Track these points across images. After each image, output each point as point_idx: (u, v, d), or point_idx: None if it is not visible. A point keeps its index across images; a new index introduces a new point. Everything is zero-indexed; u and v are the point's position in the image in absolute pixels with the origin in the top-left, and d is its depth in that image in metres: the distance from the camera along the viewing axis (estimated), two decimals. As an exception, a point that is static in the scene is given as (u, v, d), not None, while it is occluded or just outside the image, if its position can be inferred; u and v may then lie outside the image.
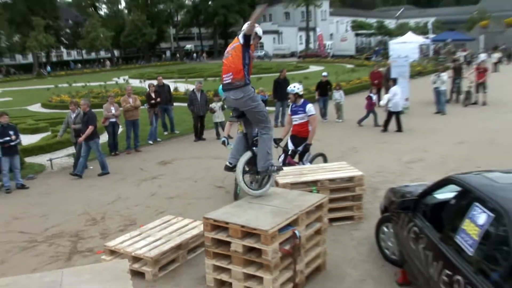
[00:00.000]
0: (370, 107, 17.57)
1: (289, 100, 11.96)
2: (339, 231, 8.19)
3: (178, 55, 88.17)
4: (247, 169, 6.74)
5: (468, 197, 4.76)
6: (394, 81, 17.24)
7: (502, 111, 19.71)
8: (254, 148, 6.74)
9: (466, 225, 4.52)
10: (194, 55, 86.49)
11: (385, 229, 7.03)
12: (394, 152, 13.54)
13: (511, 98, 22.79)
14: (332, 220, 8.31)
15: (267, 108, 9.45)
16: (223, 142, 9.94)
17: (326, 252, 6.90)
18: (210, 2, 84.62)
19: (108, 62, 78.32)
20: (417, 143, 14.48)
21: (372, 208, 8.92)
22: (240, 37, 6.25)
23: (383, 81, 21.34)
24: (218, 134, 16.53)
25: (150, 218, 9.13)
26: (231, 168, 6.69)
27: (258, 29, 6.58)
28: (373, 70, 21.70)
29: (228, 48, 6.48)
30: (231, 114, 6.84)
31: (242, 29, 6.26)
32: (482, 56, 34.84)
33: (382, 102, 17.00)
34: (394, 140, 15.25)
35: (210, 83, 31.36)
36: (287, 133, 10.19)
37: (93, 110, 13.24)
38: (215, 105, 16.28)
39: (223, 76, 6.41)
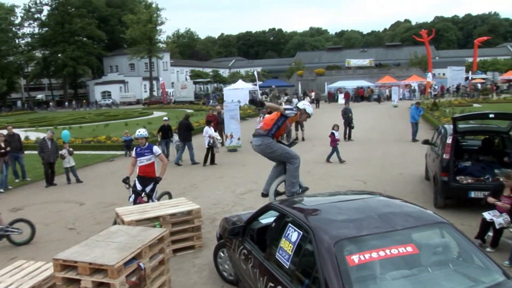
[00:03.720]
0: (334, 143, 17.06)
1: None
2: (182, 259, 8.25)
3: (51, 104, 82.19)
4: (280, 191, 7.97)
5: (284, 219, 5.09)
6: (209, 123, 18.43)
7: (317, 145, 21.24)
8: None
9: (283, 243, 4.83)
10: (66, 103, 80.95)
11: (222, 254, 7.21)
12: (229, 185, 13.94)
13: (322, 134, 24.45)
14: (175, 250, 8.41)
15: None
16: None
17: (170, 280, 6.90)
18: (59, 55, 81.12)
19: None
20: (249, 176, 15.02)
21: (211, 237, 9.04)
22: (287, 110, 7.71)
23: (217, 124, 21.93)
24: (68, 179, 15.94)
25: (2, 265, 8.45)
26: (265, 195, 7.93)
27: (309, 108, 7.87)
28: (208, 114, 22.21)
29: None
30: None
31: (286, 109, 7.76)
32: (295, 101, 37.06)
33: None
34: (229, 174, 15.68)
35: (60, 130, 30.08)
36: (132, 172, 10.06)
37: None
38: (65, 152, 15.75)
39: (259, 124, 8.03)
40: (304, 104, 7.93)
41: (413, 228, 4.63)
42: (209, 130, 17.69)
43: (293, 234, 4.72)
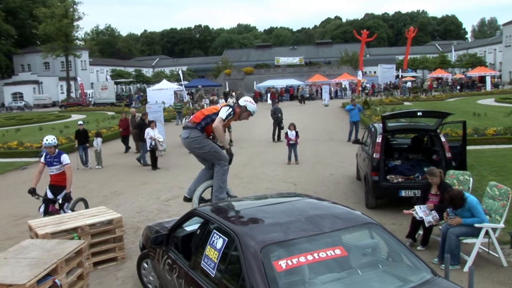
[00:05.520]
0: (287, 143, 17.35)
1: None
2: (104, 273, 8.06)
3: None
4: (205, 198, 7.69)
5: (208, 226, 5.10)
6: (150, 123, 18.05)
7: (245, 147, 21.48)
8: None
9: (208, 251, 4.83)
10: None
11: (146, 265, 7.10)
12: (154, 192, 13.76)
13: (251, 135, 25.02)
14: (96, 263, 8.20)
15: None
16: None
17: (90, 295, 6.75)
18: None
19: None
20: (174, 182, 14.89)
21: (135, 247, 8.95)
22: (223, 112, 7.27)
23: (131, 128, 21.34)
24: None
25: None
26: (188, 199, 7.70)
27: (251, 106, 7.56)
28: (121, 118, 21.74)
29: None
30: None
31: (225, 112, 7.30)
32: (221, 101, 37.38)
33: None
34: (153, 180, 15.50)
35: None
36: (38, 181, 9.65)
37: None
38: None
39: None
40: (246, 101, 7.53)
41: (341, 230, 4.75)
42: (151, 132, 17.26)
43: (218, 241, 4.72)
